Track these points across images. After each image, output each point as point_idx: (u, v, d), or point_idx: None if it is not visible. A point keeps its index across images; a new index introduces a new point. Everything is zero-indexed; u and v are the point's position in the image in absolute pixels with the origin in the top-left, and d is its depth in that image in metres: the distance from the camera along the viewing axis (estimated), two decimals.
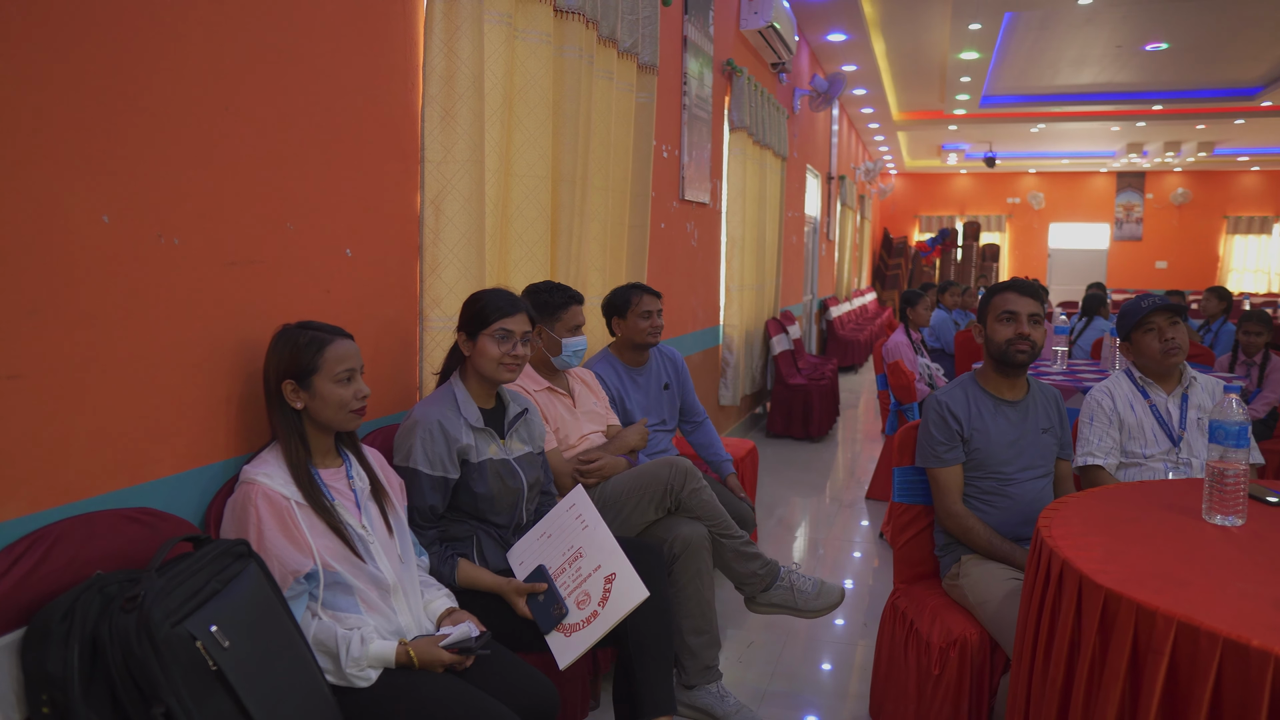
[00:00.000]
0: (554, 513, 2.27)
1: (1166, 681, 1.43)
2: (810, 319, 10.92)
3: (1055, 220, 19.88)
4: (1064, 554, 1.69)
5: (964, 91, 11.55)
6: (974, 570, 2.41)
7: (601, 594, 2.06)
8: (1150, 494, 2.12)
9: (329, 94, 2.14)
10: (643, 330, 3.26)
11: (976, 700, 2.30)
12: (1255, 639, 1.34)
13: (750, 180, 6.50)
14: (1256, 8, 8.40)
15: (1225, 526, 1.88)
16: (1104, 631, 1.54)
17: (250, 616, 1.48)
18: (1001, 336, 2.49)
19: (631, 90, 3.85)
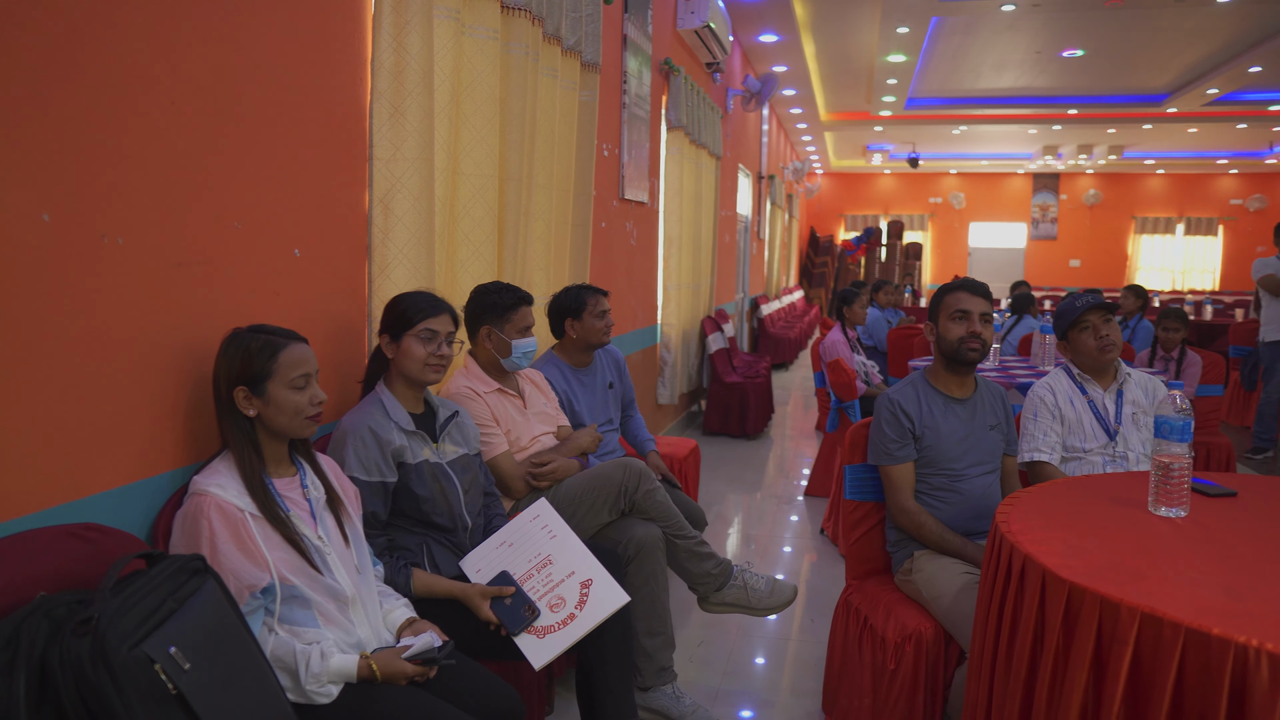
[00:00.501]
0: (515, 523, 2.25)
1: (1130, 671, 1.46)
2: (742, 317, 11.02)
3: (975, 220, 20.43)
4: (1026, 549, 1.72)
5: (890, 93, 11.78)
6: (927, 565, 2.45)
7: (578, 598, 2.05)
8: (1097, 488, 2.18)
9: (276, 88, 2.06)
10: (599, 330, 3.25)
11: (931, 693, 2.34)
12: (1215, 627, 1.38)
13: (687, 179, 6.52)
14: (1165, 19, 8.76)
15: (1171, 518, 1.94)
16: (1068, 624, 1.57)
17: (210, 635, 1.42)
18: (954, 335, 2.53)
19: (575, 88, 3.82)
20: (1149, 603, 1.46)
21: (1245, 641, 1.34)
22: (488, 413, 2.71)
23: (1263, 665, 1.32)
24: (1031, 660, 1.67)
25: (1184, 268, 19.66)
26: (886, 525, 2.65)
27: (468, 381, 2.74)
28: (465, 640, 2.05)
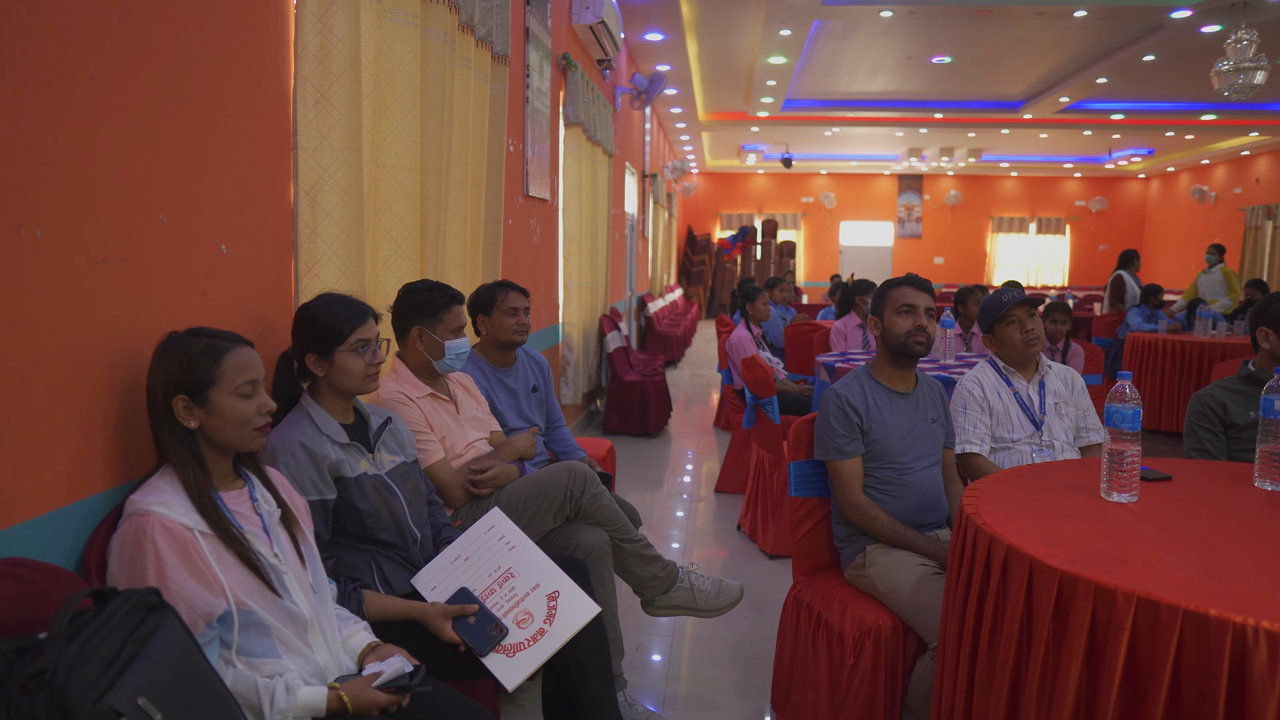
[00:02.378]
0: (469, 535, 2.12)
1: (1127, 658, 1.48)
2: (631, 316, 11.01)
3: (845, 219, 21.10)
4: (1008, 540, 1.73)
5: (769, 95, 12.01)
6: (881, 559, 2.46)
7: (546, 612, 1.94)
8: (1049, 476, 2.23)
9: (198, 67, 1.88)
10: (509, 328, 3.12)
11: (890, 685, 2.35)
12: (1212, 609, 1.41)
13: (584, 177, 6.44)
14: (1027, 30, 9.24)
15: (1124, 503, 1.99)
16: (1059, 613, 1.59)
17: (176, 678, 1.26)
18: (901, 328, 2.55)
19: (486, 80, 3.69)
20: (1143, 587, 1.48)
21: (1243, 621, 1.37)
22: (422, 419, 2.57)
23: (1261, 644, 1.35)
24: (1018, 652, 1.68)
25: (1037, 264, 20.87)
26: (834, 521, 2.65)
27: (399, 386, 2.59)
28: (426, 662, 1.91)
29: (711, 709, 2.85)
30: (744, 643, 3.30)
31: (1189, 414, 2.94)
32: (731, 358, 5.63)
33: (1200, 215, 18.46)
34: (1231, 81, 7.67)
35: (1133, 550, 1.69)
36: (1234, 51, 7.57)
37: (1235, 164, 17.34)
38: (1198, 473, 2.32)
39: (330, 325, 2.04)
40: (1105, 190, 20.87)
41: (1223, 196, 17.70)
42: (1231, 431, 2.87)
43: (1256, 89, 7.62)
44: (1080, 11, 8.16)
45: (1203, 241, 17.99)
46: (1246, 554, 1.68)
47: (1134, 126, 14.40)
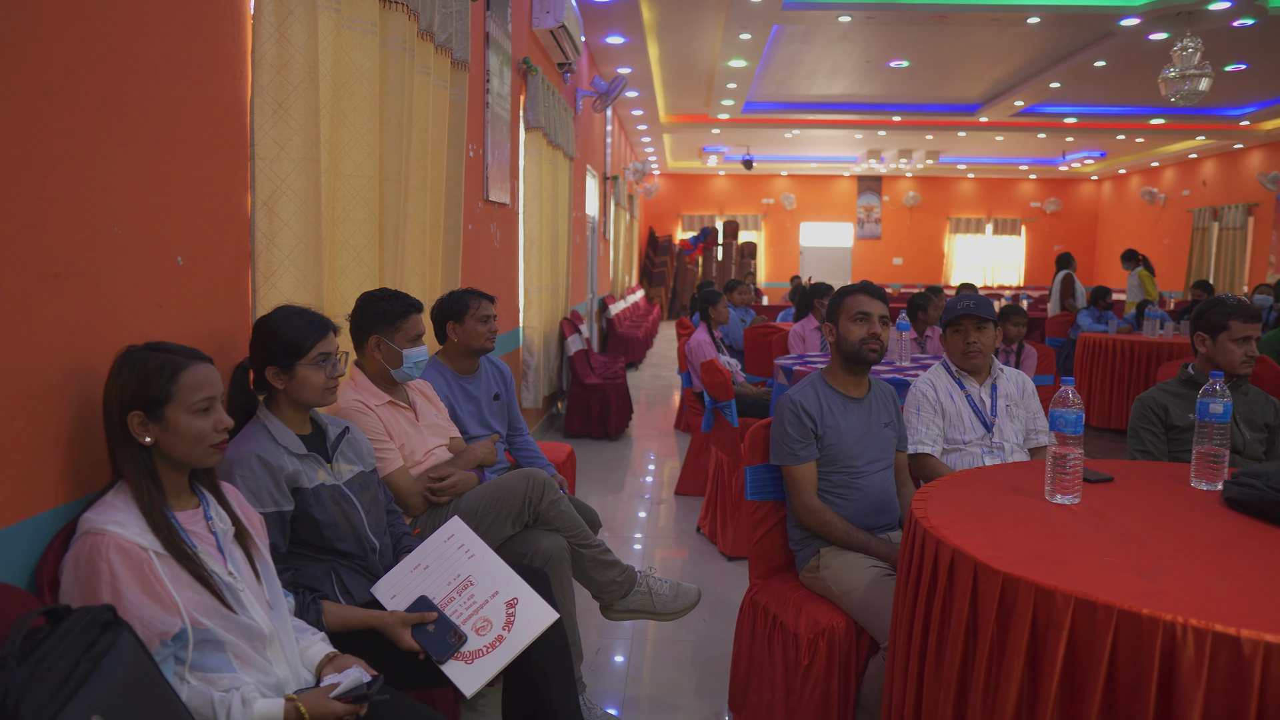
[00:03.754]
0: (429, 544, 2.14)
1: (1065, 655, 1.54)
2: (592, 318, 11.03)
3: (805, 220, 21.28)
4: (954, 543, 1.78)
5: (729, 97, 12.09)
6: (834, 561, 2.51)
7: (505, 619, 1.96)
8: (995, 479, 2.29)
9: (152, 77, 1.87)
10: (481, 335, 3.15)
11: (844, 685, 2.40)
12: (1144, 608, 1.47)
13: (545, 181, 6.45)
14: (982, 36, 9.40)
15: (1067, 505, 2.06)
16: (1003, 613, 1.64)
17: (131, 695, 1.26)
18: (855, 336, 2.60)
19: (446, 86, 3.69)
20: (1081, 588, 1.54)
21: (1172, 619, 1.43)
22: (380, 427, 2.58)
23: (1189, 641, 1.41)
24: (965, 651, 1.73)
25: (993, 265, 21.21)
26: (789, 524, 2.70)
27: (357, 395, 2.60)
28: (386, 671, 1.92)
29: (670, 710, 2.89)
30: (703, 644, 3.34)
31: (1132, 416, 3.03)
32: (691, 361, 5.67)
33: (1150, 216, 18.88)
34: (1178, 87, 7.88)
35: (1073, 552, 1.75)
36: (1180, 59, 7.77)
37: (1183, 167, 17.76)
38: (1138, 474, 2.40)
39: (292, 339, 2.04)
40: (1059, 192, 21.27)
41: (1171, 198, 18.12)
42: (1172, 433, 2.96)
43: (1202, 95, 7.83)
44: (1033, 18, 8.33)
45: (1154, 242, 18.43)
46: (1179, 554, 1.75)
47: (1086, 130, 14.70)
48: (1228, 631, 1.38)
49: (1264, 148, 15.17)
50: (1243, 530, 1.90)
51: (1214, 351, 2.92)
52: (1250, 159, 15.61)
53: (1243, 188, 15.74)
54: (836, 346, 2.67)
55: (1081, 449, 2.09)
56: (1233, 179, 16.11)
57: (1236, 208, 15.70)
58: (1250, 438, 2.91)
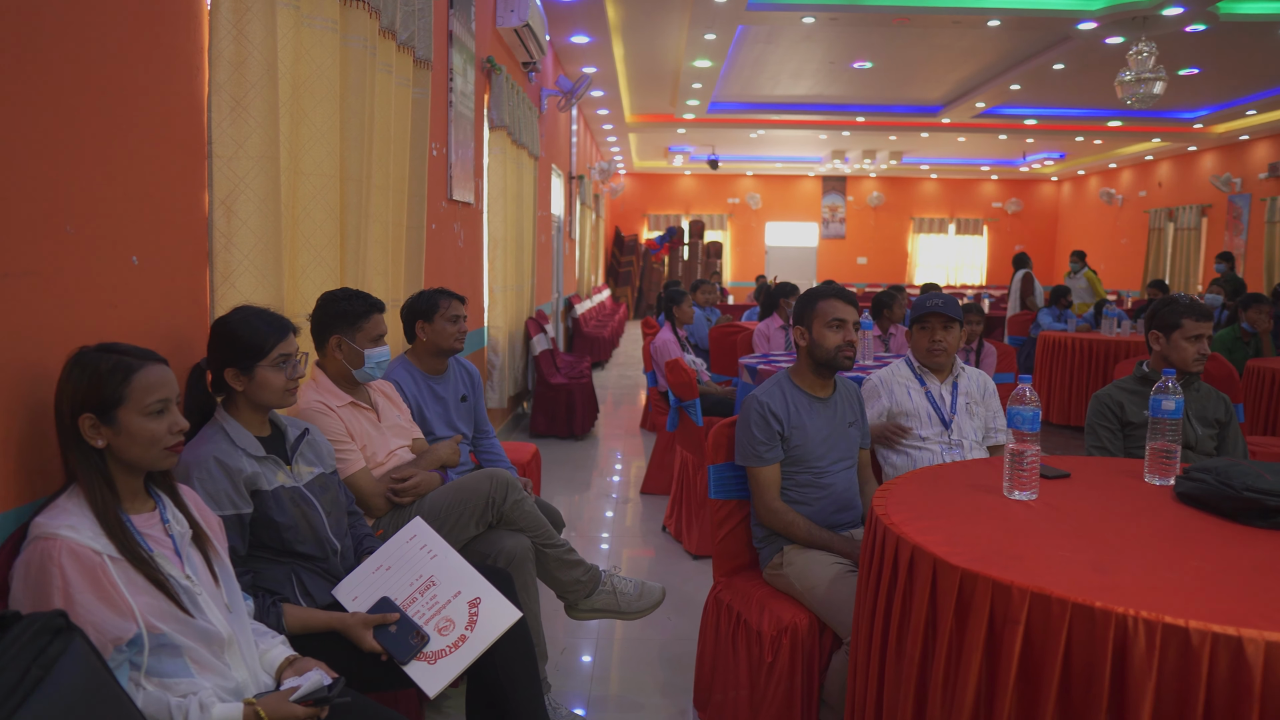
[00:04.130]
0: (391, 544, 2.12)
1: (1022, 649, 1.57)
2: (558, 317, 11.01)
3: (770, 219, 21.39)
4: (914, 539, 1.80)
5: (694, 97, 12.13)
6: (797, 559, 2.53)
7: (467, 618, 1.96)
8: (954, 476, 2.32)
9: (105, 74, 1.84)
10: (450, 335, 3.14)
11: (808, 681, 2.42)
12: (1097, 601, 1.50)
13: (509, 180, 6.43)
14: (943, 38, 9.51)
15: (1025, 501, 2.09)
16: (961, 609, 1.67)
17: (84, 702, 1.24)
18: (831, 343, 2.60)
19: (409, 85, 3.67)
20: (1036, 583, 1.57)
21: (1124, 612, 1.46)
22: (342, 428, 2.56)
23: (1140, 632, 1.44)
24: (924, 646, 1.75)
25: (956, 264, 21.46)
26: (752, 522, 2.72)
27: (319, 396, 2.57)
28: (348, 673, 1.91)
29: (636, 709, 2.89)
30: (669, 643, 3.35)
31: (1089, 413, 3.08)
32: (656, 360, 5.68)
33: (1108, 217, 19.21)
34: (1133, 91, 8.02)
35: (1029, 547, 1.78)
36: (1135, 63, 7.92)
37: (1140, 168, 18.09)
38: (1094, 469, 2.45)
39: (251, 340, 2.02)
40: (1020, 192, 21.57)
41: (1129, 199, 18.45)
42: (1128, 430, 3.02)
43: (1156, 98, 7.99)
44: (994, 21, 8.44)
45: (1111, 242, 18.76)
46: (1132, 548, 1.78)
47: (1046, 131, 14.92)
48: (1177, 623, 1.41)
49: (1217, 150, 15.50)
50: (1194, 524, 1.94)
51: (1168, 349, 2.98)
52: (1204, 161, 15.94)
53: (1197, 189, 16.07)
54: (809, 351, 2.67)
55: (1038, 446, 2.12)
56: (1187, 181, 16.44)
57: (1191, 209, 16.02)
58: (1202, 433, 2.97)
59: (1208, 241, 15.64)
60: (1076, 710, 1.52)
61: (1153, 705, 1.42)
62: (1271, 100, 12.10)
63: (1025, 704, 1.57)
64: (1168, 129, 14.41)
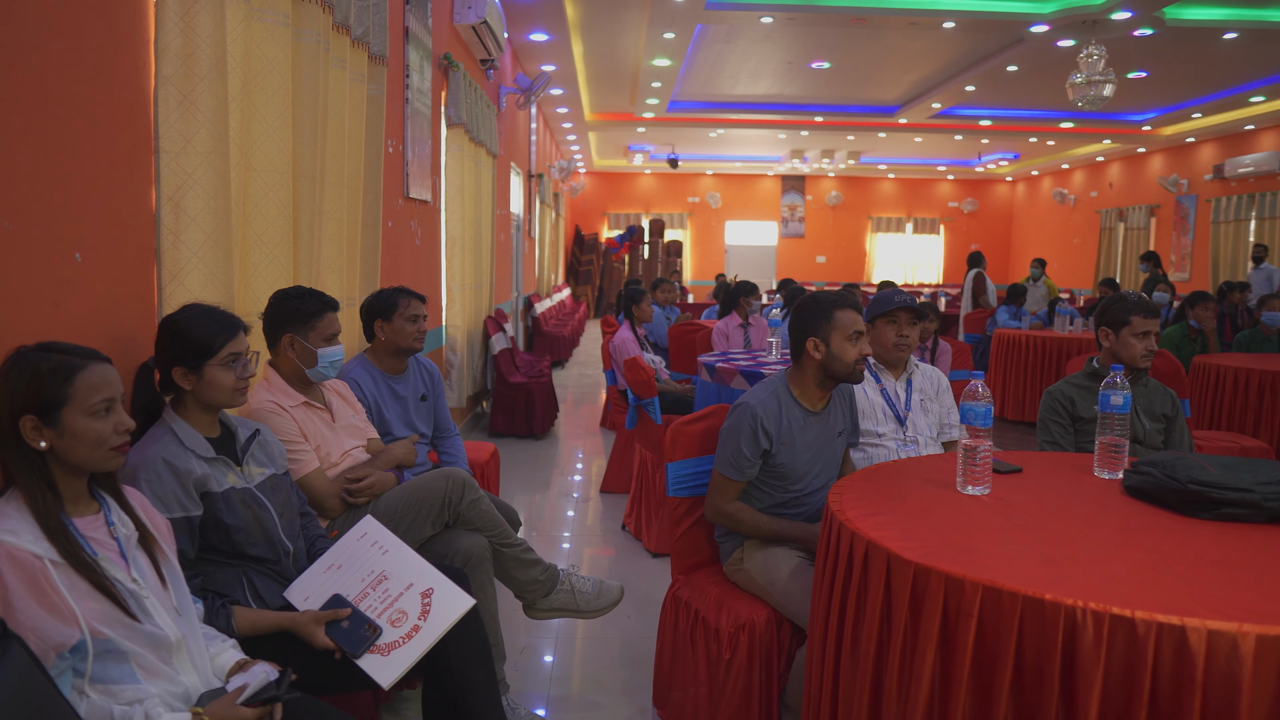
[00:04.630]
0: (342, 543, 2.10)
1: (975, 641, 1.59)
2: (517, 316, 10.96)
3: (730, 218, 21.47)
4: (868, 535, 1.82)
5: (654, 96, 12.13)
6: (757, 554, 2.54)
7: (420, 609, 1.95)
8: (909, 472, 2.35)
9: (45, 66, 1.80)
10: (410, 334, 3.12)
11: (767, 678, 2.43)
12: (1047, 593, 1.52)
13: (467, 178, 6.39)
14: (899, 39, 9.61)
15: (978, 496, 2.12)
16: (915, 603, 1.68)
17: (21, 711, 1.21)
18: (851, 357, 2.51)
19: (363, 81, 3.62)
20: (988, 576, 1.59)
21: (1073, 603, 1.49)
22: (295, 428, 2.52)
23: (1088, 623, 1.47)
24: (879, 640, 1.77)
25: (913, 263, 21.71)
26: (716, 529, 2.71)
27: (271, 396, 2.53)
28: (301, 675, 1.88)
29: (596, 709, 2.89)
30: (630, 641, 3.34)
31: (1041, 408, 3.13)
32: (615, 359, 5.68)
33: (1061, 216, 19.55)
34: (1084, 93, 8.17)
35: (982, 541, 1.80)
36: (1086, 65, 8.07)
37: (1091, 169, 18.44)
38: (1046, 464, 2.49)
39: (200, 339, 1.98)
40: (976, 192, 21.87)
41: (1081, 199, 18.79)
42: (1079, 424, 3.07)
43: (1106, 100, 8.14)
44: (949, 23, 8.54)
45: (1064, 241, 19.09)
46: (1081, 540, 1.81)
47: (1000, 132, 15.14)
48: (1123, 613, 1.44)
49: (1165, 152, 15.84)
50: (1140, 516, 1.98)
51: (1117, 346, 3.04)
52: (1152, 163, 16.28)
53: (1146, 190, 16.41)
54: (823, 364, 2.54)
55: (991, 441, 2.15)
56: (1136, 181, 16.78)
57: (1140, 209, 16.37)
58: (1150, 428, 3.03)
59: (1157, 241, 15.99)
60: (1029, 700, 1.54)
61: (1100, 693, 1.45)
62: (1216, 104, 12.40)
63: (980, 695, 1.60)
64: (1117, 131, 14.71)
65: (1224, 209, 13.92)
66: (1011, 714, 1.56)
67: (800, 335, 2.56)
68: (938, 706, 1.64)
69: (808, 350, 2.55)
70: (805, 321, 2.55)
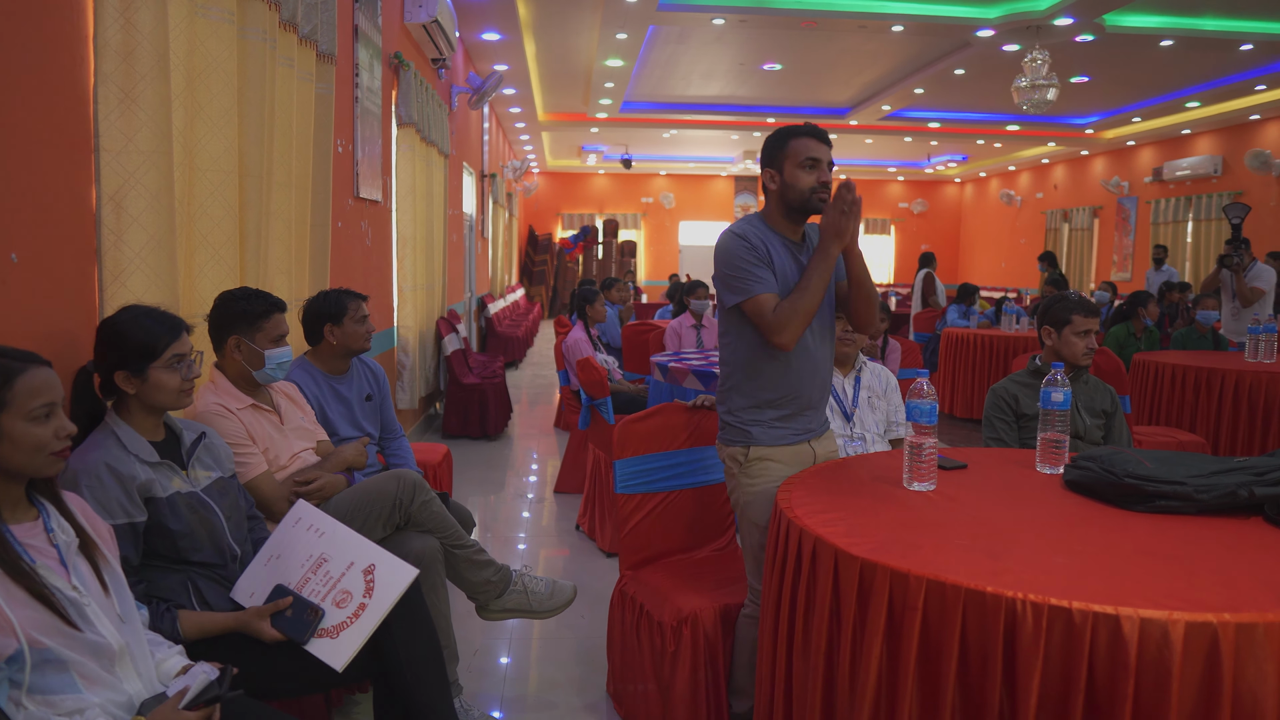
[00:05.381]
0: (278, 533, 2.10)
1: (921, 634, 1.62)
2: (471, 317, 10.89)
3: (684, 219, 21.56)
4: (816, 531, 1.85)
5: (607, 96, 12.14)
6: (758, 476, 2.38)
7: (364, 587, 1.95)
8: (857, 469, 2.39)
9: None
10: (360, 336, 3.09)
11: (711, 669, 2.47)
12: (989, 586, 1.56)
13: (419, 178, 6.34)
14: (849, 42, 9.73)
15: (924, 492, 2.16)
16: (863, 596, 1.71)
17: None
18: (805, 184, 2.34)
19: (311, 79, 3.58)
20: (932, 570, 1.63)
21: (1013, 595, 1.53)
22: (243, 431, 2.49)
23: (1028, 614, 1.51)
24: (830, 633, 1.80)
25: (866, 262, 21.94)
26: (725, 389, 2.47)
27: (218, 398, 2.49)
28: (250, 682, 1.86)
29: (550, 708, 2.89)
30: (585, 640, 3.35)
31: (986, 406, 3.20)
32: (567, 359, 5.68)
33: (1008, 217, 19.93)
34: (1029, 96, 8.36)
35: (926, 536, 1.84)
36: (1030, 70, 8.24)
37: (1037, 171, 18.83)
38: (991, 460, 2.54)
39: (143, 341, 1.95)
40: (925, 193, 22.21)
41: (1027, 200, 19.18)
42: (1023, 421, 3.14)
43: (1050, 104, 8.33)
44: (897, 26, 8.67)
45: (1011, 241, 19.45)
46: (1023, 534, 1.86)
47: (949, 134, 15.41)
48: (1061, 604, 1.48)
49: (1107, 154, 16.23)
50: (1080, 510, 2.04)
51: (1059, 344, 3.11)
52: (1095, 165, 16.68)
53: (1089, 191, 16.81)
54: (780, 195, 2.38)
55: (936, 438, 2.20)
56: (1080, 183, 17.18)
57: (1084, 210, 16.76)
58: (1090, 423, 3.11)
59: (1099, 241, 16.38)
60: (974, 689, 1.58)
61: (1040, 681, 1.49)
62: (1155, 108, 12.74)
63: (927, 685, 1.63)
64: (1061, 134, 15.05)
65: (1163, 210, 14.31)
66: (958, 703, 1.60)
67: (763, 169, 2.44)
68: (886, 697, 1.68)
69: (765, 185, 2.42)
70: (765, 155, 2.44)
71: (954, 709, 1.59)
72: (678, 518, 2.89)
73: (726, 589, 2.62)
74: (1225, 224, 12.58)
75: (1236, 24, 8.73)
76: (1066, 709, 1.48)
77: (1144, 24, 8.64)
